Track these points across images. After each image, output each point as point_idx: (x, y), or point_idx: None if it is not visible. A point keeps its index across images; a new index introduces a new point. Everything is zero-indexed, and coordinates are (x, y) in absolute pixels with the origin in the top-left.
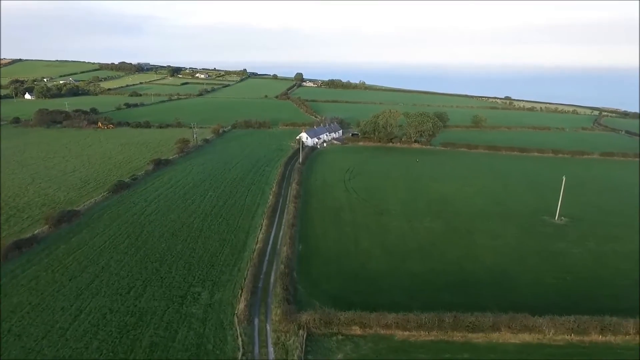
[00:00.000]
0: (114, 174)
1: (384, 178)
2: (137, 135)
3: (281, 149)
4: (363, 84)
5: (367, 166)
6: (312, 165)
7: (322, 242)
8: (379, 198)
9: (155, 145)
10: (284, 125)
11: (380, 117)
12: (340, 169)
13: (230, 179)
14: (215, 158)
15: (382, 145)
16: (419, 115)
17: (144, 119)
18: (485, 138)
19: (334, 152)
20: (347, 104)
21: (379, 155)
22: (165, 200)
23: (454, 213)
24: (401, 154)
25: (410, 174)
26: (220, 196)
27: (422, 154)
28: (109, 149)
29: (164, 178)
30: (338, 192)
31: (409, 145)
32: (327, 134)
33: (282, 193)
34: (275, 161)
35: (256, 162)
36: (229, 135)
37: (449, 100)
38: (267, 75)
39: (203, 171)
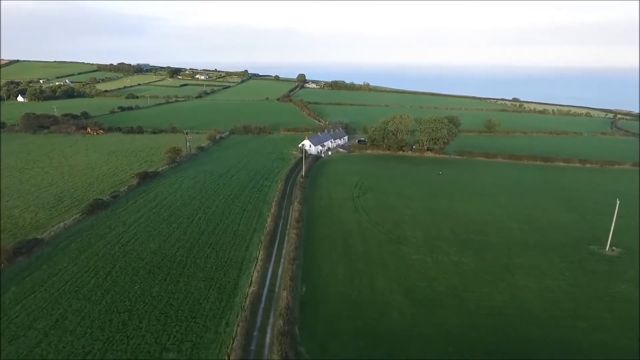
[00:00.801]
0: (94, 189)
1: (397, 195)
2: (127, 142)
3: (282, 158)
4: (367, 86)
5: (378, 179)
6: (317, 179)
7: (329, 283)
8: (394, 221)
9: (145, 154)
10: (286, 130)
11: (390, 123)
12: (348, 183)
13: (224, 197)
14: (209, 169)
15: (391, 153)
16: (432, 122)
17: (137, 123)
18: (502, 145)
19: (340, 162)
20: (352, 107)
21: (389, 166)
22: (146, 223)
23: (485, 242)
24: (414, 164)
25: (426, 189)
26: (210, 219)
27: (436, 164)
28: (94, 158)
29: (149, 195)
30: (346, 213)
31: (421, 154)
32: (331, 141)
33: (282, 215)
34: (275, 173)
35: (254, 174)
36: (226, 141)
37: (456, 102)
38: (269, 76)
39: (194, 186)
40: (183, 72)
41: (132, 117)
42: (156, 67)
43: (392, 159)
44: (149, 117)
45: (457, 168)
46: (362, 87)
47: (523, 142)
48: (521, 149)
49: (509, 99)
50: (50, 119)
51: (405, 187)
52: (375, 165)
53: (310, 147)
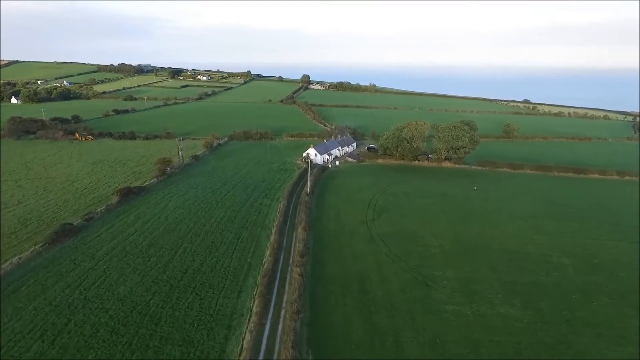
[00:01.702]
0: (68, 208)
1: (419, 217)
2: (116, 150)
3: (285, 169)
4: (373, 87)
5: (394, 197)
6: (324, 196)
7: (344, 349)
8: (419, 254)
9: (134, 163)
10: (289, 136)
11: (404, 130)
12: (360, 201)
13: (216, 219)
14: (202, 183)
15: (405, 163)
16: (452, 128)
17: (131, 127)
18: (523, 152)
19: (350, 175)
20: (359, 109)
21: (405, 179)
22: (119, 257)
23: (535, 286)
24: (432, 176)
25: (451, 209)
26: (197, 250)
27: (457, 176)
28: (76, 169)
29: (129, 217)
30: (360, 242)
31: (438, 164)
32: (339, 149)
33: (283, 245)
34: (276, 188)
35: (253, 190)
36: (224, 149)
37: (467, 105)
38: (272, 77)
39: (182, 205)
40: (184, 73)
41: (127, 120)
42: (157, 67)
43: (407, 170)
44: (144, 121)
45: (480, 181)
46: (368, 88)
47: (545, 149)
48: (546, 157)
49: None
50: (37, 123)
51: (427, 207)
52: (389, 178)
53: (316, 156)
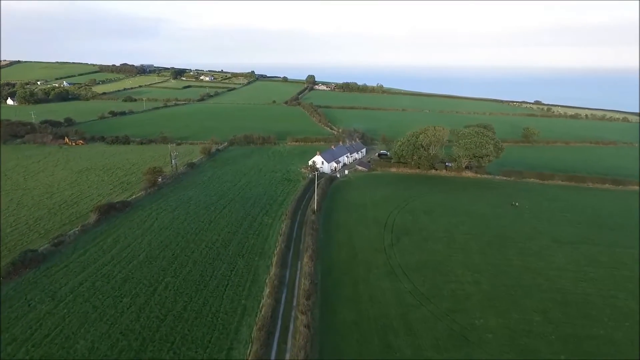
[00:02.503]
0: (39, 228)
1: (445, 241)
2: (107, 156)
3: (289, 179)
4: (381, 87)
5: (414, 214)
6: (332, 213)
7: None
8: (452, 294)
9: (123, 172)
10: (293, 140)
11: (421, 135)
12: (375, 220)
13: (208, 244)
14: (196, 197)
15: (421, 173)
16: (475, 135)
17: (126, 131)
18: (547, 159)
19: (361, 186)
20: (366, 111)
21: (423, 191)
22: (85, 297)
23: (604, 341)
24: (453, 188)
25: (482, 230)
26: (182, 287)
27: (480, 188)
28: (59, 178)
29: (107, 241)
30: (379, 277)
31: (458, 174)
32: (347, 155)
33: (285, 280)
34: (279, 203)
35: (252, 204)
36: (223, 155)
37: (478, 106)
38: (277, 77)
39: (170, 225)
40: (187, 74)
41: (123, 123)
42: (160, 68)
43: (424, 180)
44: (141, 124)
45: (508, 194)
46: (375, 89)
47: (569, 155)
48: (573, 164)
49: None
50: (26, 126)
51: (453, 229)
52: (405, 191)
53: (323, 164)
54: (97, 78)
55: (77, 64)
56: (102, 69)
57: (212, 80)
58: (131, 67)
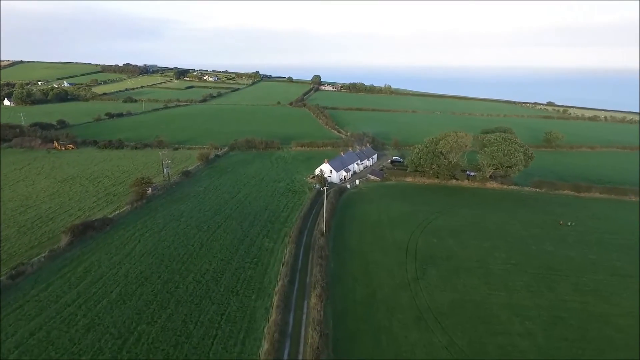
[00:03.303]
0: (3, 252)
1: (481, 273)
2: (97, 162)
3: (293, 190)
4: (389, 88)
5: (440, 236)
6: (343, 234)
7: None
8: (501, 350)
9: (111, 181)
10: (299, 145)
11: (441, 142)
12: (394, 244)
13: (196, 275)
14: (188, 212)
15: (441, 183)
16: (502, 141)
17: (122, 134)
18: (574, 166)
19: (375, 200)
20: (375, 113)
21: (446, 206)
22: (33, 354)
23: None
24: (479, 201)
25: (522, 257)
26: (157, 340)
27: (509, 202)
28: (40, 188)
29: (76, 271)
30: (405, 326)
31: (481, 185)
32: (358, 162)
33: (288, 328)
34: (282, 220)
35: (252, 222)
36: (222, 161)
37: (489, 108)
38: (282, 77)
39: (154, 250)
40: (190, 74)
41: (119, 126)
42: (163, 68)
43: (444, 192)
44: (138, 126)
45: (542, 209)
46: (383, 89)
47: (597, 162)
48: (608, 174)
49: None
50: (15, 129)
51: (488, 255)
52: (425, 205)
53: (332, 173)
54: (99, 78)
55: (79, 64)
56: (105, 69)
57: (216, 81)
58: (134, 67)
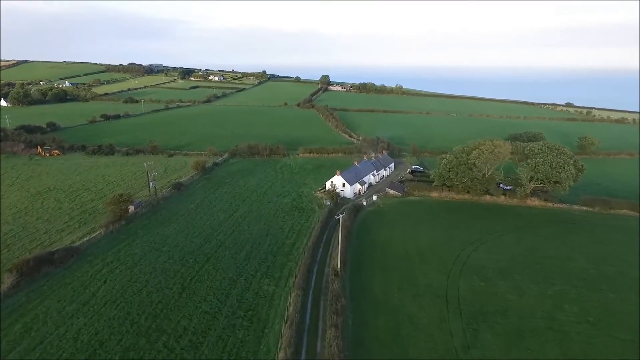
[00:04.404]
0: None
1: (555, 337)
2: (81, 170)
3: (300, 208)
4: (400, 88)
5: (484, 276)
6: (361, 273)
7: None
8: None
9: (91, 195)
10: (307, 151)
11: (475, 152)
12: (429, 290)
13: (169, 339)
14: (173, 238)
15: (472, 199)
16: (548, 152)
17: (116, 137)
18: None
19: (397, 222)
20: (387, 115)
21: (485, 229)
22: None
23: None
24: (524, 224)
25: (601, 310)
26: None
27: (561, 225)
28: (8, 204)
29: (11, 331)
30: None
31: (521, 202)
32: (374, 173)
33: None
34: (285, 252)
35: (249, 254)
36: (221, 170)
37: (507, 109)
38: (289, 77)
39: (122, 295)
40: (195, 73)
41: (114, 128)
42: (168, 67)
43: (479, 211)
44: (134, 129)
45: (609, 238)
46: (394, 90)
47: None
48: None
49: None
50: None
51: (555, 307)
52: (460, 230)
53: (344, 187)
54: (102, 78)
55: (84, 64)
56: (109, 68)
57: (222, 81)
58: (138, 67)
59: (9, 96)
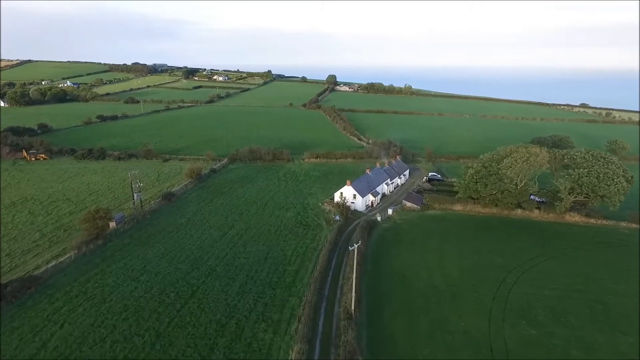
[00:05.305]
0: None
1: None
2: (67, 177)
3: (305, 224)
4: (409, 89)
5: (534, 320)
6: (382, 318)
7: None
8: None
9: (73, 205)
10: (313, 156)
11: (507, 160)
12: (468, 340)
13: None
14: (154, 265)
15: (502, 213)
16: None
17: (110, 140)
18: None
19: (417, 243)
20: (397, 116)
21: (523, 254)
22: None
23: None
24: (568, 246)
25: None
26: None
27: (607, 246)
28: None
29: None
30: None
31: (559, 218)
32: (388, 182)
33: None
34: (288, 283)
35: (242, 286)
36: (218, 178)
37: (522, 110)
38: (295, 77)
39: (78, 348)
40: (199, 73)
41: (110, 130)
42: (173, 67)
43: (511, 229)
44: (130, 131)
45: None
46: (403, 90)
47: None
48: None
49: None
50: None
51: None
52: (493, 254)
53: (355, 199)
54: (105, 78)
55: (87, 63)
56: (112, 68)
57: (226, 81)
58: (142, 67)
59: (6, 96)
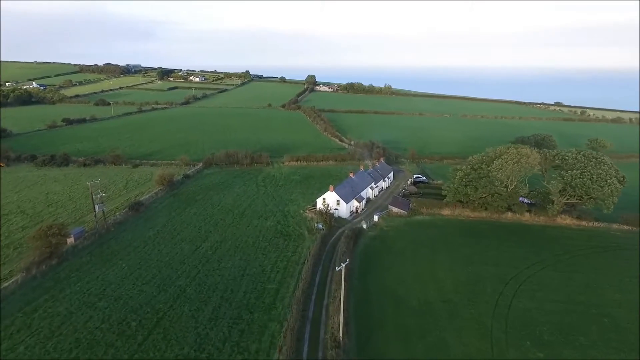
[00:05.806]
0: None
1: None
2: (24, 186)
3: (286, 234)
4: (389, 88)
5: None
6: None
7: None
8: None
9: (27, 219)
10: (293, 159)
11: (497, 162)
12: None
13: None
14: (115, 286)
15: (492, 217)
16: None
17: (74, 145)
18: None
19: (407, 253)
20: (378, 116)
21: (519, 262)
22: None
23: None
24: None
25: None
26: None
27: (603, 251)
28: None
29: None
30: None
31: (550, 220)
32: (372, 186)
33: None
34: (267, 305)
35: (215, 311)
36: (192, 185)
37: (500, 109)
38: (274, 78)
39: None
40: (175, 74)
41: (75, 134)
42: (147, 68)
43: (503, 234)
44: (99, 135)
45: None
46: (383, 90)
47: None
48: None
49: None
50: None
51: None
52: (487, 264)
53: (339, 205)
54: (75, 79)
55: (57, 64)
56: (83, 69)
57: (203, 81)
58: (114, 67)
59: None
